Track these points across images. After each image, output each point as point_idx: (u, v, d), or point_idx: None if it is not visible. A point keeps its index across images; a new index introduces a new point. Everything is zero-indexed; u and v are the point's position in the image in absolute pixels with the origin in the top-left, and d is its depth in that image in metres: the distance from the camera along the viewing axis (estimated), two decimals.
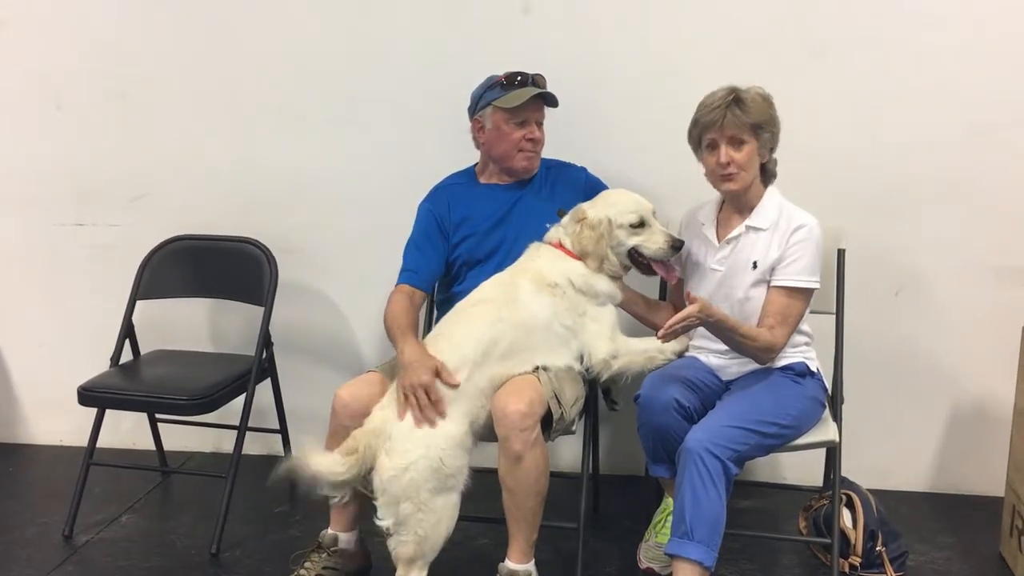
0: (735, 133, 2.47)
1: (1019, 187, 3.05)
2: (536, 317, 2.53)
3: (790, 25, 3.05)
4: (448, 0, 3.19)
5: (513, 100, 2.69)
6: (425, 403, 2.38)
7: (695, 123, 2.54)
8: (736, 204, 2.61)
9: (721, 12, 3.07)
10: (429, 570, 2.39)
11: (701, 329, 2.65)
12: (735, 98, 2.47)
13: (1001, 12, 2.96)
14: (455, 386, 2.42)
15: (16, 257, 3.59)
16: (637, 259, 2.62)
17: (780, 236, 2.53)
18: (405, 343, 2.53)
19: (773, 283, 2.53)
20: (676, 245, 2.59)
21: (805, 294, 2.53)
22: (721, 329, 2.44)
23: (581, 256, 2.59)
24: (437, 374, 2.41)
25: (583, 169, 2.92)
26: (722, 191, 2.57)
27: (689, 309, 2.34)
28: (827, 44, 3.04)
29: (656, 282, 2.93)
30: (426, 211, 2.83)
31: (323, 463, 2.37)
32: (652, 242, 2.59)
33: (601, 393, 2.77)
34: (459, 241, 2.80)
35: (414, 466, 2.30)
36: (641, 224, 2.59)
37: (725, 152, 2.48)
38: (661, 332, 2.37)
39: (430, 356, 2.46)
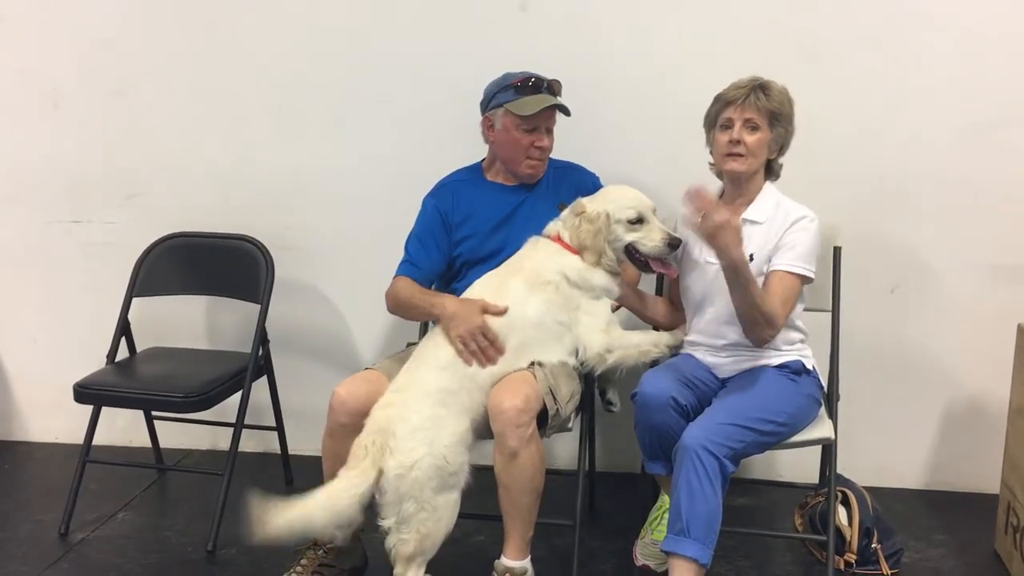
0: (752, 116, 2.49)
1: (1015, 186, 3.06)
2: (528, 315, 2.53)
3: (789, 25, 3.05)
4: None
5: (526, 108, 2.66)
6: (484, 344, 2.46)
7: (716, 99, 2.56)
8: (734, 196, 2.61)
9: (720, 11, 3.08)
10: (426, 567, 2.39)
11: (697, 326, 2.66)
12: (761, 84, 2.52)
13: (999, 12, 2.97)
14: (502, 313, 2.50)
15: (12, 254, 3.59)
16: (634, 255, 2.62)
17: (777, 229, 2.53)
18: (437, 299, 2.60)
19: (771, 268, 2.53)
20: (673, 243, 2.58)
21: (800, 280, 2.53)
22: (738, 269, 2.35)
23: (579, 250, 2.58)
24: (484, 311, 2.48)
25: (595, 176, 2.89)
26: (725, 170, 2.56)
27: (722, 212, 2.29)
28: (826, 43, 3.05)
29: (652, 276, 2.94)
30: (431, 207, 2.82)
31: (334, 487, 2.31)
32: (649, 239, 2.58)
33: (598, 394, 2.77)
34: (461, 239, 2.79)
35: (419, 465, 2.29)
36: (639, 220, 2.58)
37: (739, 130, 2.50)
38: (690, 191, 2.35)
39: (470, 300, 2.55)
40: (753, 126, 2.50)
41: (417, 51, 3.22)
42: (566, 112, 2.74)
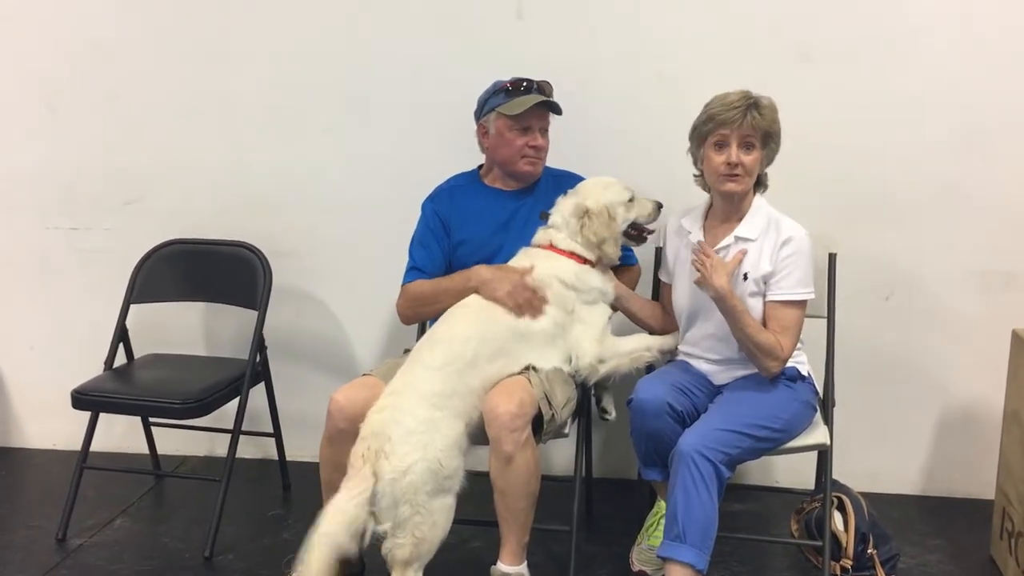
0: (749, 135, 2.48)
1: (1008, 191, 3.07)
2: (520, 321, 2.55)
3: (782, 30, 3.07)
4: (442, 4, 3.21)
5: (516, 107, 2.70)
6: (529, 295, 2.54)
7: (709, 119, 2.51)
8: (725, 212, 2.62)
9: (713, 16, 3.09)
10: (423, 573, 2.39)
11: (690, 339, 2.67)
12: (754, 102, 2.49)
13: (991, 18, 2.99)
14: (529, 272, 2.58)
15: (9, 260, 3.59)
16: (629, 232, 2.74)
17: (770, 247, 2.54)
18: (469, 272, 2.66)
19: (769, 298, 2.54)
20: (660, 205, 2.76)
21: (801, 305, 2.55)
22: (734, 311, 2.45)
23: (598, 243, 2.63)
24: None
25: None
26: (723, 191, 2.55)
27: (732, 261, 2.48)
28: (818, 49, 3.06)
29: (648, 285, 2.95)
30: (431, 210, 2.85)
31: (338, 501, 2.29)
32: (643, 209, 2.74)
33: (594, 402, 2.79)
34: (459, 244, 2.81)
35: (413, 468, 2.29)
36: (631, 199, 2.71)
37: (736, 152, 2.49)
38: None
39: (499, 265, 2.65)
40: (749, 145, 2.50)
41: (415, 56, 3.23)
42: (557, 111, 2.77)
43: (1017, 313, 2.97)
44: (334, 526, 2.26)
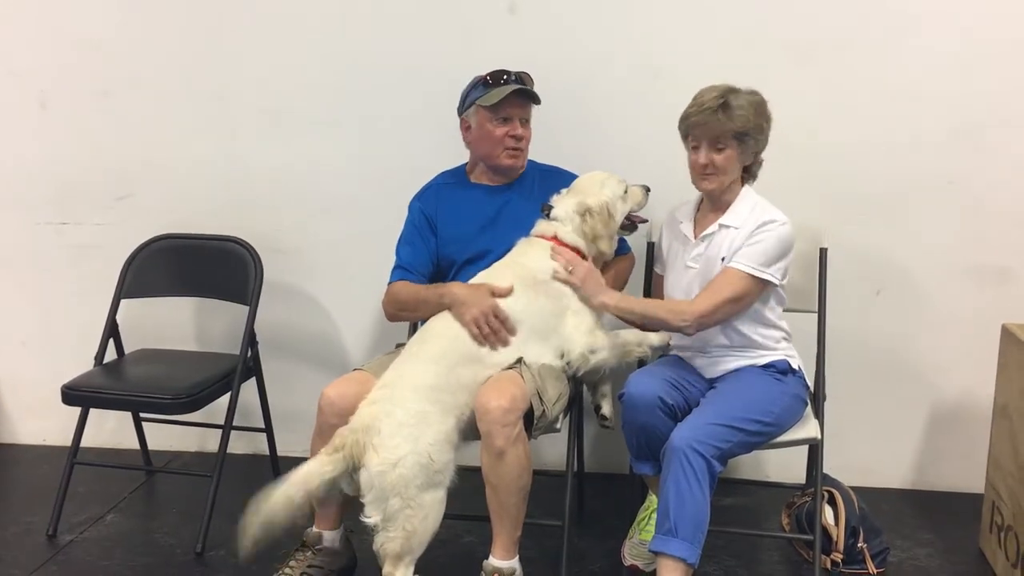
0: (717, 137, 2.49)
1: (1000, 187, 3.08)
2: (521, 310, 2.56)
3: (776, 26, 3.07)
4: (434, 0, 3.20)
5: (493, 97, 2.71)
6: (496, 326, 2.50)
7: (684, 119, 2.56)
8: (713, 202, 2.63)
9: (707, 12, 3.09)
10: (415, 568, 2.39)
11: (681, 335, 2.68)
12: (724, 103, 2.47)
13: (985, 14, 2.99)
14: (507, 294, 2.54)
15: (0, 255, 3.57)
16: (623, 223, 2.78)
17: (748, 231, 2.53)
18: (444, 288, 2.64)
19: (723, 264, 2.54)
20: (648, 189, 2.81)
21: (748, 281, 2.50)
22: (608, 309, 2.59)
23: (595, 240, 2.66)
24: (492, 294, 2.54)
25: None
26: (700, 188, 2.59)
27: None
28: (811, 44, 3.07)
29: (640, 280, 2.95)
30: (417, 209, 2.85)
31: (308, 467, 2.34)
32: (635, 198, 2.79)
33: (593, 409, 2.79)
34: (448, 241, 2.81)
35: (403, 462, 2.30)
36: (625, 191, 2.74)
37: (705, 154, 2.51)
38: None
39: (477, 284, 2.60)
40: (720, 147, 2.51)
41: (408, 54, 3.23)
42: (535, 99, 2.77)
43: (1007, 308, 2.98)
44: (295, 488, 2.30)
